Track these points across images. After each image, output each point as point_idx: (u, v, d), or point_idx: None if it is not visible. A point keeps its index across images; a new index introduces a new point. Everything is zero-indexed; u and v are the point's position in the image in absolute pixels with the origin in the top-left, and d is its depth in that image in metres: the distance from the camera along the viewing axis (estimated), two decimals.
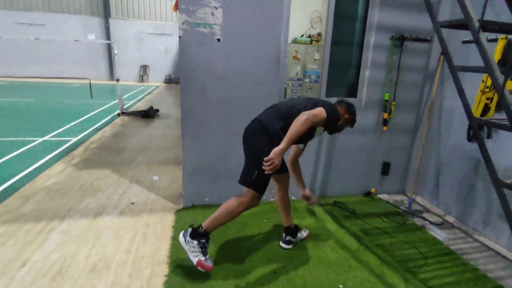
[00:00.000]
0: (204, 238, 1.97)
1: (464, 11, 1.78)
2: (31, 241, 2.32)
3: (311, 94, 3.33)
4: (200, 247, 1.95)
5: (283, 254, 2.31)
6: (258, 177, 1.93)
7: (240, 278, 2.03)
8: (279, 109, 2.02)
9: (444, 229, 2.73)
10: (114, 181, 3.52)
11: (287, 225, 2.38)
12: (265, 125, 1.94)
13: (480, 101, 2.61)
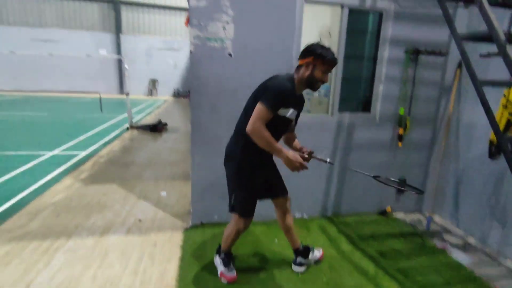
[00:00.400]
0: (224, 254, 2.14)
1: (488, 24, 1.71)
2: (37, 261, 2.24)
3: (321, 108, 3.27)
4: (222, 260, 2.14)
5: (295, 279, 2.18)
6: (234, 201, 1.96)
7: None
8: (237, 123, 1.96)
9: (466, 252, 2.58)
10: (121, 197, 3.45)
11: (296, 247, 2.27)
12: (227, 153, 1.96)
13: (502, 117, 2.50)
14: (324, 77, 1.77)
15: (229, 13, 2.50)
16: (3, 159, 4.64)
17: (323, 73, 1.76)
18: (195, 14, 2.46)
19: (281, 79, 1.79)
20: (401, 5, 2.80)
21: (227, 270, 2.11)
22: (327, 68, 1.76)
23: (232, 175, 1.94)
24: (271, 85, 1.75)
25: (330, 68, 1.78)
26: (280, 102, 1.74)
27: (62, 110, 10.63)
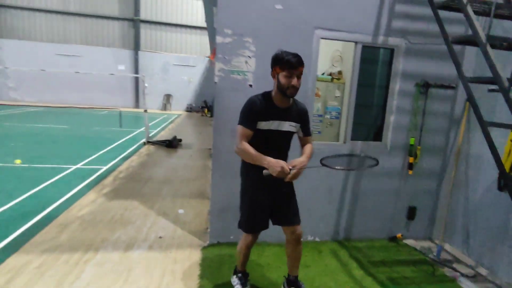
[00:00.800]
0: (240, 273, 2.30)
1: (492, 70, 1.87)
2: (68, 273, 2.42)
3: (331, 129, 3.44)
4: (238, 280, 2.29)
5: None
6: (241, 217, 2.13)
7: None
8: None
9: (477, 283, 2.64)
10: (142, 213, 3.65)
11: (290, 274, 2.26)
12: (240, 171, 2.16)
13: (511, 151, 2.61)
14: (288, 81, 1.79)
15: (251, 49, 2.74)
16: (32, 172, 4.93)
17: (286, 77, 1.79)
18: (221, 49, 2.71)
19: (251, 97, 1.95)
20: (411, 41, 2.99)
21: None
22: (287, 71, 1.78)
23: (240, 192, 2.14)
24: (249, 101, 1.93)
25: (291, 70, 1.78)
26: (251, 116, 1.88)
27: (82, 122, 11.09)
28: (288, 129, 1.98)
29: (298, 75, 1.83)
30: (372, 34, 2.91)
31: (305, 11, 2.75)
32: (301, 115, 2.02)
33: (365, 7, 2.86)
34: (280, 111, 1.93)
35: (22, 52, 16.03)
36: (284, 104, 1.94)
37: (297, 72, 1.81)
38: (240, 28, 2.67)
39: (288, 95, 1.85)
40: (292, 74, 1.79)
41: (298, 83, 1.84)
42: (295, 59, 1.78)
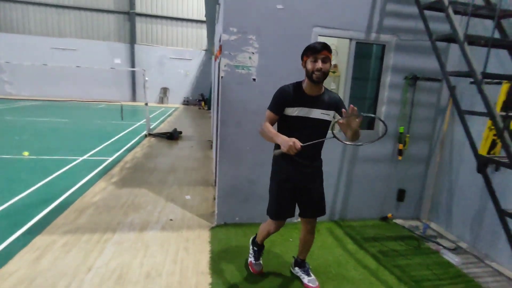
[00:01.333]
0: (257, 246, 2.50)
1: (469, 66, 2.15)
2: (92, 250, 2.68)
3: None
4: (253, 251, 2.51)
5: None
6: (268, 203, 2.22)
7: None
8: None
9: (457, 254, 2.96)
10: (151, 199, 3.90)
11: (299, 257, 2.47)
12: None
13: (488, 137, 2.91)
14: (313, 65, 1.85)
15: (254, 46, 2.98)
16: (41, 163, 5.14)
17: (312, 62, 1.86)
18: (227, 46, 2.94)
19: (283, 85, 2.04)
20: (401, 38, 3.25)
21: (255, 262, 2.50)
22: (312, 56, 1.86)
23: (270, 179, 2.22)
24: (280, 89, 2.03)
25: (315, 54, 1.85)
26: (279, 102, 1.98)
27: (81, 116, 11.21)
28: (320, 116, 1.98)
29: (324, 59, 1.84)
30: (365, 31, 3.16)
31: (304, 10, 2.98)
32: (335, 102, 2.01)
33: (359, 6, 3.10)
34: (310, 99, 1.97)
35: (17, 46, 15.92)
36: (314, 92, 1.97)
37: (322, 56, 1.84)
38: (245, 26, 2.90)
39: (315, 79, 1.87)
40: (317, 58, 1.84)
41: (325, 67, 1.85)
42: (319, 44, 1.85)
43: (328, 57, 1.87)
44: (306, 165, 2.08)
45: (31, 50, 15.94)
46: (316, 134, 1.97)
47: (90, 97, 16.66)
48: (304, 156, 2.00)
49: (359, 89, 3.44)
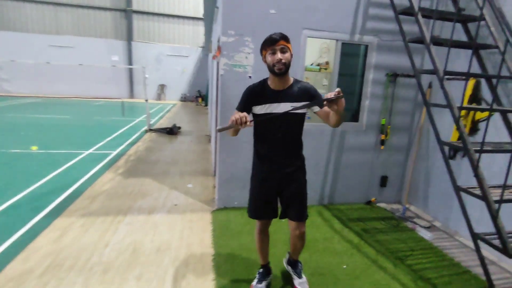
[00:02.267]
0: (261, 267, 2.31)
1: (433, 65, 2.51)
2: (107, 229, 3.03)
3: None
4: (257, 275, 2.30)
5: None
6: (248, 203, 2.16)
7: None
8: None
9: (430, 231, 3.35)
10: (156, 188, 4.24)
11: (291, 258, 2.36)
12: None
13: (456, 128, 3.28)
14: (273, 57, 1.77)
15: (250, 46, 3.31)
16: (49, 156, 5.44)
17: (271, 54, 1.78)
18: (225, 47, 3.27)
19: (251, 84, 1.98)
20: (383, 39, 3.61)
21: (255, 285, 2.23)
22: (270, 49, 1.78)
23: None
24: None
25: (272, 46, 1.77)
26: (245, 101, 1.91)
27: (81, 113, 11.46)
28: (287, 109, 1.85)
29: (282, 50, 1.77)
30: (350, 33, 3.51)
31: (294, 14, 3.32)
32: (306, 92, 1.90)
33: (344, 10, 3.45)
34: (276, 94, 1.87)
35: (14, 43, 16.06)
36: (281, 86, 1.88)
37: (279, 47, 1.76)
38: (241, 29, 3.23)
39: (277, 72, 1.79)
40: (275, 50, 1.76)
41: (285, 57, 1.77)
42: (275, 35, 1.77)
43: (287, 47, 1.78)
44: (285, 164, 1.98)
45: (28, 47, 16.10)
46: (291, 130, 1.93)
47: (88, 94, 16.88)
48: (282, 154, 1.96)
49: (345, 85, 3.79)
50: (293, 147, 2.00)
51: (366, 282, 2.45)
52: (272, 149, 1.97)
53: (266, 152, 2.00)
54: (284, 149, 1.97)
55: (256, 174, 2.09)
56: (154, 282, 2.31)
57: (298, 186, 2.05)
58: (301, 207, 2.07)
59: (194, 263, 2.58)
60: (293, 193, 2.04)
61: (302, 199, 2.07)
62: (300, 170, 2.07)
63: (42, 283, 2.23)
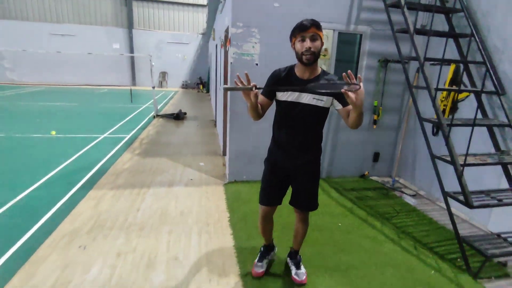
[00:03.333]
0: (262, 246, 2.40)
1: (415, 52, 2.93)
2: (135, 199, 3.51)
3: None
4: (259, 252, 2.40)
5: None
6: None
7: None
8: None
9: (415, 199, 3.85)
10: (171, 166, 4.72)
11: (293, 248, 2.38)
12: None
13: (440, 106, 3.73)
14: (302, 45, 1.70)
15: (257, 37, 3.71)
16: (70, 140, 5.89)
17: (300, 42, 1.71)
18: (234, 38, 3.66)
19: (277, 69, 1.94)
20: (375, 28, 4.00)
21: (255, 263, 2.32)
22: (300, 36, 1.70)
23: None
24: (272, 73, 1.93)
25: (302, 33, 1.69)
26: (268, 86, 1.88)
27: (89, 100, 11.82)
28: (310, 102, 1.80)
29: (313, 37, 1.68)
30: (345, 24, 3.89)
31: (295, 7, 3.69)
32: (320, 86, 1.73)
33: (340, 3, 3.82)
34: (301, 83, 1.78)
35: (16, 32, 16.19)
36: (306, 75, 1.80)
37: (310, 34, 1.67)
38: (248, 21, 3.62)
39: (305, 61, 1.71)
40: (304, 37, 1.68)
41: (314, 46, 1.68)
42: (306, 21, 1.68)
43: (318, 35, 1.69)
44: (299, 155, 1.94)
45: (30, 36, 16.24)
46: (308, 122, 1.86)
47: (91, 82, 17.14)
48: (296, 145, 1.92)
49: (341, 70, 4.18)
50: (310, 139, 1.93)
51: (357, 235, 2.96)
52: (288, 137, 1.93)
53: (282, 140, 1.96)
54: (300, 140, 1.91)
55: (269, 159, 2.08)
56: (182, 236, 2.81)
57: (308, 179, 2.02)
58: (309, 200, 2.07)
59: (214, 222, 3.08)
60: (302, 185, 2.02)
61: (312, 192, 2.06)
62: (313, 163, 2.01)
63: (91, 238, 2.72)
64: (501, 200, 2.60)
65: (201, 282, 2.23)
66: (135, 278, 2.24)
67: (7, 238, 2.66)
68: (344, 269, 2.45)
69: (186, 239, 2.76)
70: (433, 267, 2.53)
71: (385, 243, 2.86)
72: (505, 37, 3.01)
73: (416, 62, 4.14)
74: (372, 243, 2.84)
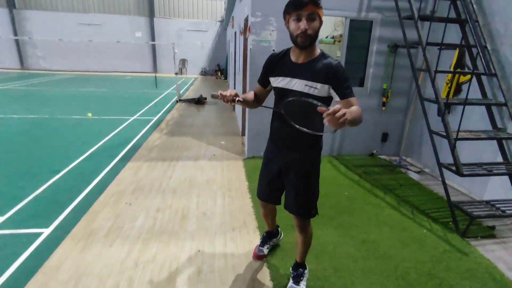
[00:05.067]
0: (265, 232, 2.39)
1: (419, 37, 3.22)
2: (167, 170, 4.05)
3: None
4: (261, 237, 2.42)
5: None
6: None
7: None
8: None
9: (419, 174, 4.17)
10: (196, 143, 5.23)
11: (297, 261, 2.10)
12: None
13: (445, 89, 3.99)
14: (297, 26, 1.46)
15: (274, 25, 4.07)
16: (105, 121, 6.53)
17: (295, 21, 1.47)
18: (253, 26, 4.04)
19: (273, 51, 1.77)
20: (385, 15, 4.25)
21: (257, 246, 2.36)
22: (295, 14, 1.46)
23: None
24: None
25: (298, 11, 1.44)
26: (263, 70, 1.76)
27: (116, 86, 12.57)
28: (302, 89, 1.57)
29: (309, 17, 1.44)
30: (357, 11, 4.17)
31: None
32: (328, 72, 1.52)
33: None
34: (294, 67, 1.60)
35: (47, 22, 17.13)
36: (301, 59, 1.59)
37: (306, 13, 1.43)
38: (266, 11, 3.98)
39: (299, 43, 1.49)
40: (300, 16, 1.44)
41: (312, 27, 1.45)
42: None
43: (316, 13, 1.45)
44: (291, 148, 1.75)
45: (59, 26, 17.16)
46: (301, 112, 1.46)
47: (115, 69, 17.95)
48: (289, 137, 1.71)
49: (352, 55, 4.50)
50: (303, 134, 1.39)
51: (361, 202, 3.36)
52: (279, 130, 1.76)
53: (273, 132, 1.82)
54: (291, 134, 1.63)
55: (266, 151, 1.95)
56: (209, 198, 3.32)
57: (299, 181, 1.76)
58: (298, 204, 1.79)
59: (235, 189, 3.57)
60: (293, 186, 1.78)
61: (303, 195, 1.77)
62: (305, 162, 1.74)
63: (134, 197, 3.28)
64: (491, 171, 2.91)
65: (226, 231, 2.73)
66: (172, 226, 2.77)
67: (67, 196, 3.26)
68: (346, 226, 2.87)
69: (212, 200, 3.27)
70: (426, 227, 2.91)
71: (386, 208, 3.24)
72: (506, 21, 3.22)
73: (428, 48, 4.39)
74: (373, 208, 3.24)
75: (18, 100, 8.79)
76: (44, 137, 5.33)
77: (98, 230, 2.66)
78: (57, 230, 2.64)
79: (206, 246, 2.50)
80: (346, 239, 2.66)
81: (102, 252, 2.37)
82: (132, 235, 2.60)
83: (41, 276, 2.10)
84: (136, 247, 2.44)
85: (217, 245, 2.52)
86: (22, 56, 17.53)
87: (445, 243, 2.68)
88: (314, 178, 1.81)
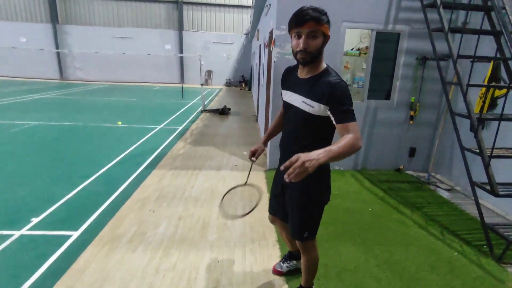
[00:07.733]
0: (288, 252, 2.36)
1: (449, 50, 3.11)
2: (190, 178, 4.14)
3: (358, 97, 4.72)
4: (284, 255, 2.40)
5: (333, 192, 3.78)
6: None
7: None
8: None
9: (450, 192, 3.95)
10: (219, 153, 5.31)
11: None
12: None
13: (478, 103, 3.80)
14: (296, 43, 1.41)
15: None
16: (133, 130, 6.82)
17: (295, 38, 1.42)
18: (278, 39, 4.10)
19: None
20: (413, 27, 4.15)
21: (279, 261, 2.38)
22: (295, 31, 1.40)
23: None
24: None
25: (298, 28, 1.38)
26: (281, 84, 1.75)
27: (145, 96, 13.14)
28: (300, 106, 1.52)
29: (309, 34, 1.37)
30: (384, 23, 4.11)
31: (334, 9, 4.01)
32: (325, 91, 1.41)
33: (379, 3, 4.05)
34: (297, 82, 1.56)
35: (85, 36, 18.37)
36: (303, 74, 1.54)
37: (307, 31, 1.36)
38: None
39: (299, 60, 1.45)
40: (300, 33, 1.38)
41: (311, 46, 1.38)
42: (304, 11, 1.35)
43: (318, 30, 1.37)
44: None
45: (96, 39, 18.32)
46: (300, 131, 1.54)
47: (145, 80, 18.78)
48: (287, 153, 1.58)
49: (378, 68, 4.42)
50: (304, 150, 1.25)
51: (386, 219, 3.23)
52: (284, 144, 1.75)
53: (281, 143, 1.80)
54: (294, 150, 1.47)
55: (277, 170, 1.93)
56: (230, 208, 3.33)
57: (296, 201, 1.68)
58: (295, 222, 1.71)
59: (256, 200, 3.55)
60: (288, 200, 1.74)
61: (295, 212, 1.70)
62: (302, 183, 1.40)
63: (158, 204, 3.37)
64: None
65: (245, 243, 2.72)
66: (193, 235, 2.81)
67: (96, 201, 3.41)
68: (369, 244, 2.77)
69: (232, 211, 3.28)
70: (457, 250, 2.74)
71: (412, 227, 3.09)
72: None
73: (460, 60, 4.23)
74: (399, 226, 3.10)
75: (56, 108, 9.41)
76: (77, 144, 5.64)
77: (122, 235, 2.75)
78: (85, 233, 2.76)
79: (225, 257, 2.51)
80: (369, 257, 2.55)
81: (125, 257, 2.44)
82: (154, 242, 2.66)
83: (68, 277, 2.19)
84: (157, 254, 2.50)
85: (236, 257, 2.52)
86: (61, 67, 18.85)
87: (478, 268, 2.50)
88: (311, 200, 1.68)
